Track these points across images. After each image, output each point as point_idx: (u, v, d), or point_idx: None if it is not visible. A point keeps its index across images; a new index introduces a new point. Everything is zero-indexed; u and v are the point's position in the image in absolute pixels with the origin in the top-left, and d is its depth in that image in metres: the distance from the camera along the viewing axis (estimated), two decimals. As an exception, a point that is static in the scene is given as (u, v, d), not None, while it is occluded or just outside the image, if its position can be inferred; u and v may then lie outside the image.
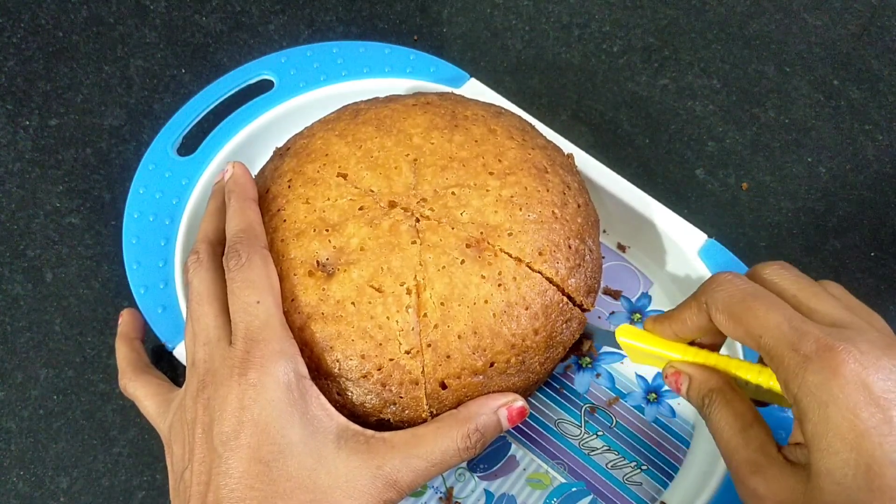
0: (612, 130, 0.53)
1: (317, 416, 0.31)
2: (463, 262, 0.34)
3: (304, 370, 0.32)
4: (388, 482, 0.31)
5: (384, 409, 0.34)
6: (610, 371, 0.43)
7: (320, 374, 0.34)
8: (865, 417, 0.25)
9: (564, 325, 0.36)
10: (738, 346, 0.40)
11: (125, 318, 0.42)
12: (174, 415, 0.34)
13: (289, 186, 0.37)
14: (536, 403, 0.42)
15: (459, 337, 0.34)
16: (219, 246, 0.37)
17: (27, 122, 0.53)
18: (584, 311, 0.37)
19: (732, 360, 0.33)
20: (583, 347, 0.40)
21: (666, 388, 0.42)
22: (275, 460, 0.30)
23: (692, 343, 0.35)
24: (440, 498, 0.40)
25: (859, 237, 0.50)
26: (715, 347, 0.35)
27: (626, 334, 0.36)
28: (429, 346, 0.33)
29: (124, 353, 0.39)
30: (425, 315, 0.34)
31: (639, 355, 0.36)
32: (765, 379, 0.32)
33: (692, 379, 0.33)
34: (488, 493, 0.40)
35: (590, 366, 0.43)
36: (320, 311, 0.34)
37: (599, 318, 0.45)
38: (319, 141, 0.39)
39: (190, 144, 0.46)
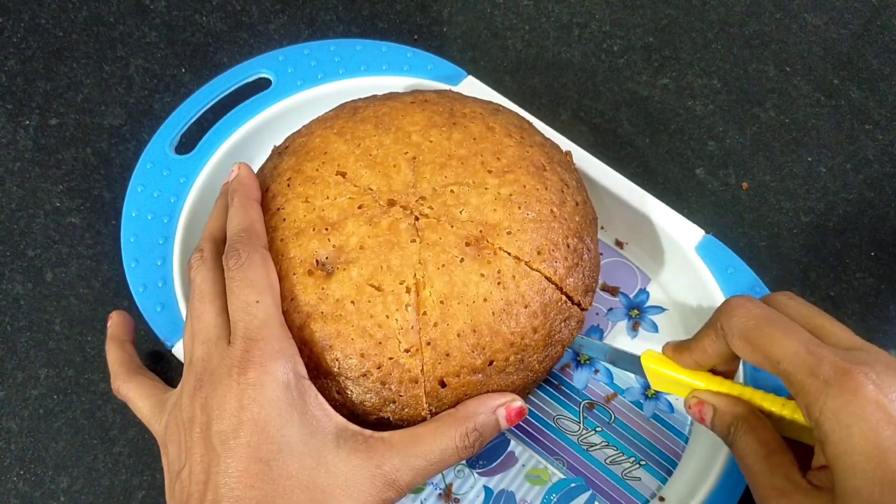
0: (612, 130, 0.53)
1: (316, 415, 0.31)
2: (462, 260, 0.34)
3: (303, 370, 0.32)
4: (387, 481, 0.31)
5: (384, 407, 0.34)
6: (608, 367, 0.43)
7: (320, 372, 0.34)
8: (887, 436, 0.26)
9: (563, 324, 0.36)
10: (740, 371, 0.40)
11: (115, 321, 0.41)
12: (170, 414, 0.33)
13: (288, 185, 0.37)
14: (535, 400, 0.42)
15: (459, 335, 0.34)
16: (223, 245, 0.37)
17: (27, 122, 0.53)
18: (582, 309, 0.37)
19: (757, 392, 0.33)
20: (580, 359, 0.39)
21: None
22: (274, 459, 0.30)
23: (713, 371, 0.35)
24: (439, 494, 0.40)
25: (859, 237, 0.50)
26: (729, 374, 0.35)
27: (653, 360, 0.35)
28: (428, 344, 0.33)
29: (116, 356, 0.39)
30: (425, 313, 0.34)
31: (661, 381, 0.36)
32: (789, 411, 0.32)
33: (717, 409, 0.33)
34: (487, 490, 0.40)
35: (588, 362, 0.43)
36: (320, 310, 0.34)
37: (597, 314, 0.45)
38: (318, 139, 0.39)
39: (188, 143, 0.46)
